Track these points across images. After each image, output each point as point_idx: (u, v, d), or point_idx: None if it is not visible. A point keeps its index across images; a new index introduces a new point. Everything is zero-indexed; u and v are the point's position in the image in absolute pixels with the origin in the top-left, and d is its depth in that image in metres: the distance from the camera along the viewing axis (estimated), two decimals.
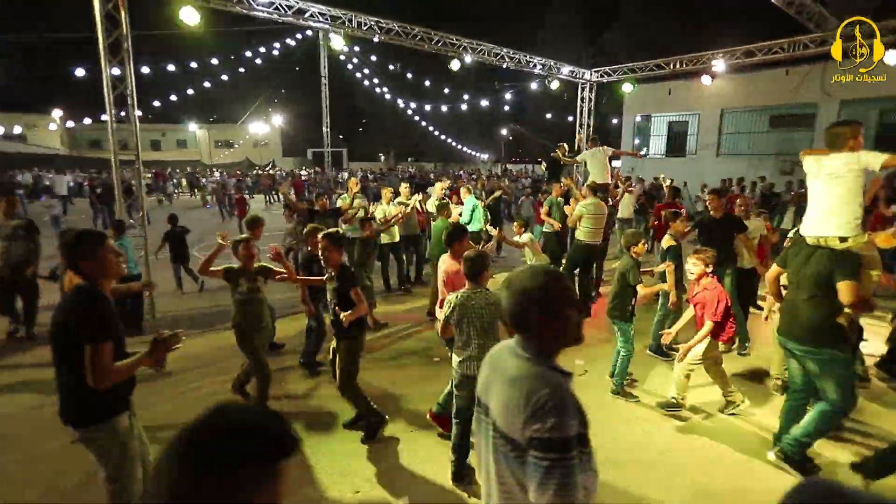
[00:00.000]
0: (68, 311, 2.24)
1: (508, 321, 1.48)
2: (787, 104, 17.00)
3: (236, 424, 0.85)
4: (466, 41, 10.99)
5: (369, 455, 3.61)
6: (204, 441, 0.82)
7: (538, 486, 1.26)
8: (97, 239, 2.39)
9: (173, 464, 0.80)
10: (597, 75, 14.13)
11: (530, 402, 1.29)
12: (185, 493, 0.78)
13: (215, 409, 0.87)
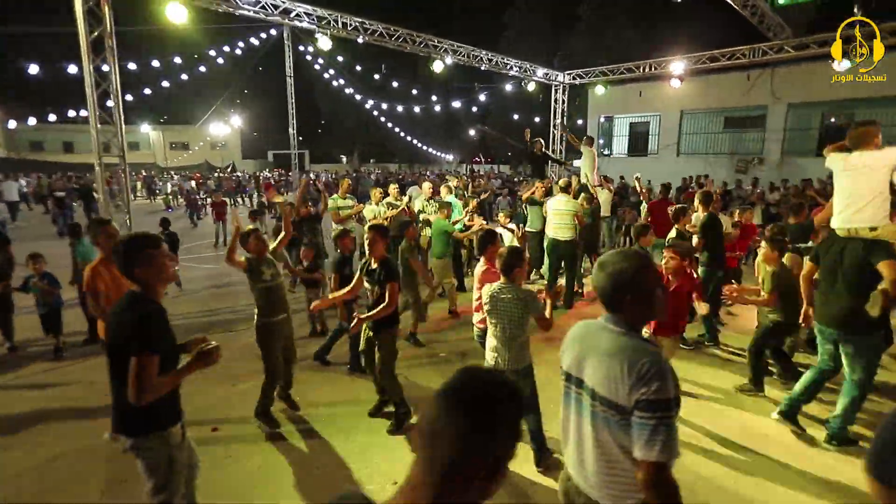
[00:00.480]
0: (120, 322, 2.19)
1: (602, 300, 1.67)
2: (740, 106, 18.10)
3: (505, 387, 0.94)
4: (447, 43, 11.18)
5: (398, 446, 3.71)
6: (487, 402, 0.89)
7: (646, 443, 1.44)
8: (152, 243, 2.32)
9: (454, 423, 0.86)
10: (569, 77, 14.63)
11: (634, 369, 1.48)
12: (465, 449, 0.85)
13: (486, 374, 0.95)
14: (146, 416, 2.23)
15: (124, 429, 2.25)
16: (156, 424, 2.26)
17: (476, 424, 0.86)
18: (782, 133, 17.12)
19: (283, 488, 3.27)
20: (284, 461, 3.55)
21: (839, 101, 16.29)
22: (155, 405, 2.17)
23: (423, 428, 0.89)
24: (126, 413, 2.22)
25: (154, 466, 2.26)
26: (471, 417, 0.86)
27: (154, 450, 2.25)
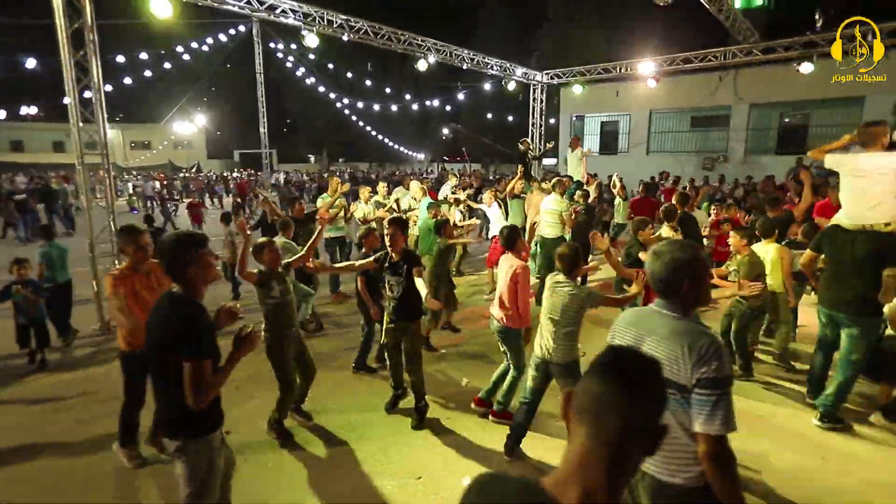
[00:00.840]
0: (166, 325, 2.14)
1: (658, 286, 1.80)
2: (705, 106, 18.86)
3: (652, 360, 1.01)
4: (431, 42, 11.24)
5: (417, 442, 3.77)
6: (645, 373, 0.97)
7: (707, 417, 1.57)
8: (200, 242, 2.26)
9: (621, 395, 0.92)
10: (547, 77, 14.92)
11: (694, 350, 1.61)
12: (633, 417, 0.91)
13: (633, 350, 1.05)
14: (195, 419, 2.19)
15: (172, 431, 2.22)
16: (202, 427, 2.24)
17: (640, 394, 0.93)
18: (745, 132, 17.96)
19: (303, 488, 3.26)
20: (302, 463, 3.54)
21: (796, 102, 17.27)
22: (206, 409, 2.15)
23: (586, 404, 0.94)
24: (175, 415, 2.20)
25: (195, 471, 2.22)
26: (635, 388, 0.93)
27: (198, 454, 2.23)
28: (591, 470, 0.88)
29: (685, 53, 12.13)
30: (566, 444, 0.95)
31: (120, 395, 3.47)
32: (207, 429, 2.25)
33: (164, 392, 2.21)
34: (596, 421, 0.91)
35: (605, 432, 0.90)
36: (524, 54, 29.51)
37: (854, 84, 14.89)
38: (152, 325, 2.21)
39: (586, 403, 0.94)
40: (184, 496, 2.25)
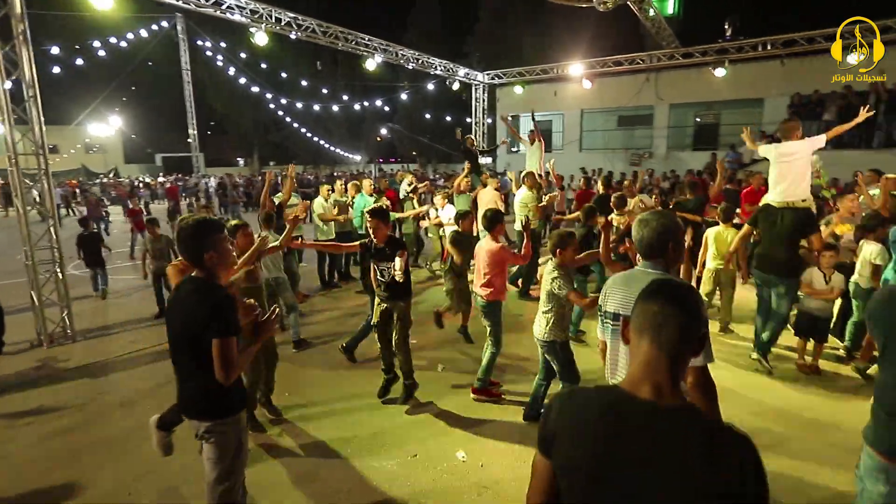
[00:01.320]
0: (192, 310, 2.19)
1: (646, 249, 2.09)
2: (630, 106, 20.31)
3: (690, 286, 1.34)
4: (377, 42, 11.32)
5: (410, 426, 3.96)
6: (690, 296, 1.19)
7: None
8: (219, 227, 2.33)
9: (674, 313, 1.13)
10: (488, 77, 15.45)
11: None
12: (684, 330, 1.13)
13: (673, 281, 1.35)
14: (224, 400, 2.28)
15: (201, 413, 2.28)
16: (231, 408, 2.32)
17: (687, 309, 1.16)
18: (666, 130, 19.56)
19: (307, 476, 3.35)
20: (302, 451, 3.65)
21: (708, 103, 19.09)
22: (230, 389, 2.24)
23: (646, 323, 1.16)
24: (203, 397, 2.27)
25: (225, 451, 2.30)
26: (684, 307, 1.16)
27: (227, 434, 2.30)
28: (656, 371, 1.14)
29: (616, 56, 13.08)
30: (630, 359, 1.21)
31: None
32: (235, 409, 2.33)
33: (193, 375, 2.25)
34: (656, 334, 1.14)
35: (665, 341, 1.13)
36: (456, 56, 30.20)
37: (754, 87, 16.86)
38: (176, 312, 2.26)
39: (646, 322, 1.16)
40: (212, 477, 2.30)
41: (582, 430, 1.15)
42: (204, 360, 2.16)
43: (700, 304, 1.21)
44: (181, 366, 2.30)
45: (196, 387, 2.27)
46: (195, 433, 2.32)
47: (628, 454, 1.08)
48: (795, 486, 3.13)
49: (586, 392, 1.25)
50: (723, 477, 1.01)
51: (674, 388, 1.14)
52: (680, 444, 1.06)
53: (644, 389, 1.13)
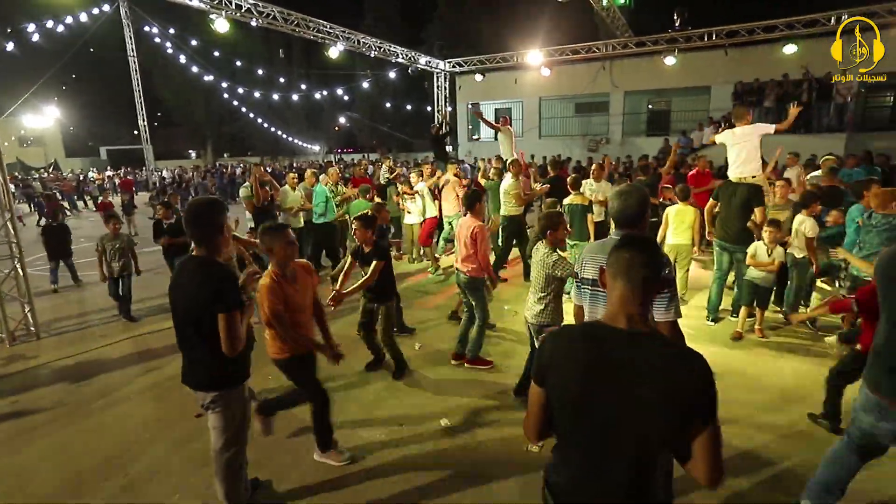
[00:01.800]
0: (202, 287, 2.29)
1: (623, 219, 2.31)
2: (587, 94, 20.92)
3: (649, 238, 1.61)
4: (339, 29, 11.25)
5: (395, 404, 4.13)
6: (651, 245, 1.47)
7: (665, 308, 2.10)
8: (221, 208, 2.44)
9: (642, 258, 1.38)
10: (449, 65, 15.58)
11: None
12: (650, 271, 1.38)
13: (638, 234, 1.61)
14: (229, 372, 2.44)
15: (207, 385, 2.43)
16: (236, 378, 2.49)
17: (652, 255, 1.42)
18: (621, 117, 20.29)
19: (302, 446, 3.48)
20: (295, 426, 3.78)
21: (659, 90, 19.93)
22: (234, 361, 2.40)
23: (620, 268, 1.40)
24: (211, 370, 2.41)
25: (230, 419, 2.47)
26: (649, 254, 1.42)
27: (232, 403, 2.47)
28: (630, 304, 1.40)
29: (573, 45, 13.49)
30: (608, 298, 1.46)
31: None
32: (240, 379, 2.50)
33: (200, 349, 2.37)
34: (628, 276, 1.39)
35: (635, 281, 1.38)
36: (414, 44, 30.08)
37: (702, 76, 17.75)
38: (181, 290, 2.36)
39: (620, 267, 1.41)
40: (219, 445, 2.47)
41: (571, 357, 1.40)
42: (209, 335, 2.29)
43: (660, 252, 1.48)
44: (187, 341, 2.41)
45: (202, 360, 2.40)
46: (201, 404, 2.45)
47: (609, 370, 1.34)
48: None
49: (573, 328, 1.52)
50: (683, 382, 1.29)
51: (643, 317, 1.40)
52: (650, 359, 1.33)
53: (620, 320, 1.40)
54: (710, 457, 1.33)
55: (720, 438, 1.34)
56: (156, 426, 3.84)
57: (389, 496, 2.99)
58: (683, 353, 1.37)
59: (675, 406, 1.28)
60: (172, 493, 3.06)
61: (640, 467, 1.37)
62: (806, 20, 11.48)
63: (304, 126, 40.90)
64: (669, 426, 1.30)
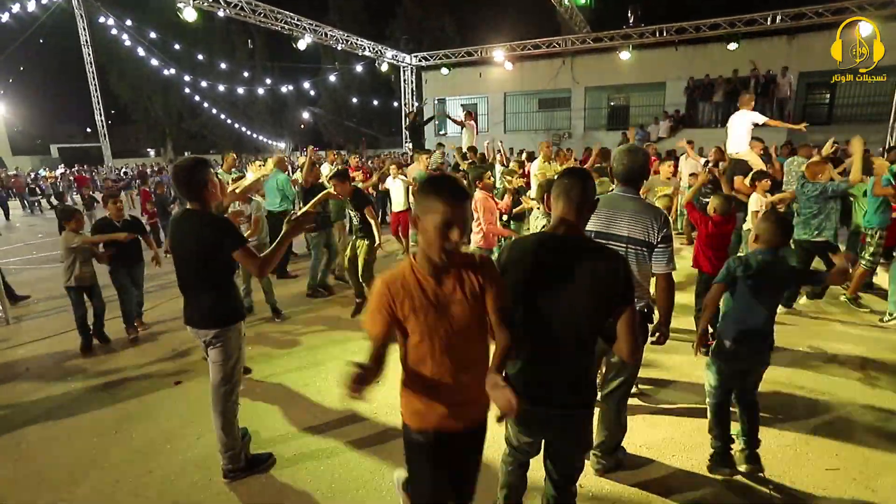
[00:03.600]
0: (207, 233, 2.55)
1: (627, 176, 2.50)
2: (549, 89, 21.55)
3: (583, 169, 2.00)
4: (307, 22, 11.37)
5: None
6: (586, 173, 1.89)
7: (666, 262, 2.42)
8: (207, 164, 2.68)
9: (579, 183, 1.77)
10: (416, 59, 15.84)
11: (658, 219, 2.41)
12: (585, 193, 1.76)
13: (576, 167, 2.00)
14: (231, 309, 2.74)
15: (210, 322, 2.69)
16: (235, 316, 2.76)
17: (587, 184, 1.82)
18: (583, 112, 21.03)
19: (294, 412, 3.86)
20: (269, 388, 4.13)
21: (618, 86, 20.76)
22: (233, 299, 2.74)
23: (562, 190, 1.76)
24: (212, 309, 2.68)
25: (229, 354, 2.73)
26: (585, 180, 1.80)
27: (232, 339, 2.73)
28: (568, 217, 1.77)
29: (534, 40, 14.00)
30: (552, 215, 1.82)
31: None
32: (238, 317, 2.79)
33: (203, 290, 2.66)
34: (568, 197, 1.75)
35: (573, 201, 1.75)
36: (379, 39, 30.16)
37: (656, 72, 18.64)
38: (188, 239, 2.62)
39: (562, 190, 1.77)
40: (217, 379, 2.74)
41: (521, 258, 1.76)
42: (213, 277, 2.62)
43: (592, 181, 1.85)
44: (192, 284, 2.69)
45: (206, 300, 2.68)
46: (203, 341, 2.71)
47: (550, 266, 1.71)
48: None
49: (524, 237, 1.88)
50: (606, 272, 1.66)
51: (578, 228, 1.78)
52: (581, 256, 1.70)
53: (561, 230, 1.77)
54: (629, 335, 1.70)
55: (636, 320, 1.72)
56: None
57: (368, 436, 3.29)
58: (607, 250, 1.75)
59: (601, 289, 1.66)
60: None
61: (578, 348, 1.73)
62: (745, 19, 12.34)
63: (269, 122, 40.31)
64: (598, 307, 1.67)
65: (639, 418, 3.32)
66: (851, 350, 4.42)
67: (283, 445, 3.20)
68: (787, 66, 15.43)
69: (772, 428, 3.21)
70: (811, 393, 3.72)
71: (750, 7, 12.32)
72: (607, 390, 2.72)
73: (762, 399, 2.93)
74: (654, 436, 3.20)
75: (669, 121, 17.52)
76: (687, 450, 3.05)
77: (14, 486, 2.93)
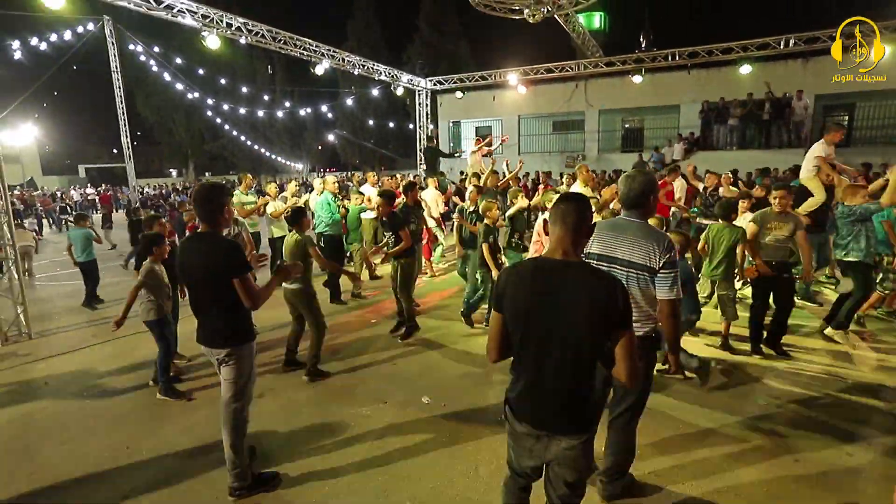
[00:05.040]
0: (217, 257, 2.65)
1: (630, 201, 2.48)
2: (563, 112, 21.73)
3: (581, 194, 2.04)
4: (325, 48, 11.74)
5: (376, 378, 4.59)
6: (582, 198, 1.90)
7: (669, 288, 2.36)
8: (227, 191, 2.86)
9: (573, 207, 1.81)
10: (431, 83, 16.17)
11: (662, 244, 2.36)
12: (579, 217, 1.79)
13: (571, 192, 2.04)
14: (243, 330, 2.81)
15: (223, 341, 2.76)
16: (247, 336, 2.85)
17: (583, 208, 1.86)
18: (597, 134, 21.12)
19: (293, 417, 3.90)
20: (278, 404, 4.18)
21: (632, 109, 20.85)
22: (246, 321, 2.81)
23: (557, 216, 1.80)
24: (225, 327, 2.76)
25: (241, 372, 2.81)
26: (579, 204, 1.84)
27: (245, 358, 2.82)
28: (564, 242, 1.80)
29: (547, 64, 14.21)
30: (549, 239, 1.86)
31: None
32: (249, 338, 2.86)
33: (215, 310, 2.73)
34: (563, 222, 1.79)
35: (569, 225, 1.78)
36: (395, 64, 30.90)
37: (670, 95, 18.70)
38: (197, 261, 2.70)
39: (557, 216, 1.81)
40: (228, 396, 2.81)
41: (519, 283, 1.79)
42: (224, 298, 2.67)
43: (589, 206, 1.88)
44: (204, 305, 2.77)
45: (218, 320, 2.75)
46: (216, 360, 2.78)
47: (548, 290, 1.74)
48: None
49: (522, 262, 1.92)
50: (604, 296, 1.68)
51: (575, 252, 1.81)
52: (578, 280, 1.73)
53: (557, 253, 1.80)
54: (627, 359, 1.71)
55: (634, 345, 1.72)
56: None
57: (374, 457, 3.29)
58: (604, 275, 1.77)
59: (598, 314, 1.67)
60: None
61: (576, 373, 1.75)
62: (758, 43, 12.36)
63: (288, 144, 41.25)
64: (595, 331, 1.69)
65: (649, 445, 3.27)
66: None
67: (290, 465, 3.22)
68: (801, 90, 15.36)
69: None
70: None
71: (763, 30, 12.37)
72: (614, 415, 2.70)
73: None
74: (664, 463, 3.14)
75: (684, 143, 17.48)
76: (697, 477, 2.99)
77: (28, 498, 3.01)
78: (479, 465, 3.15)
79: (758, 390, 4.10)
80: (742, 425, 3.54)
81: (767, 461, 3.13)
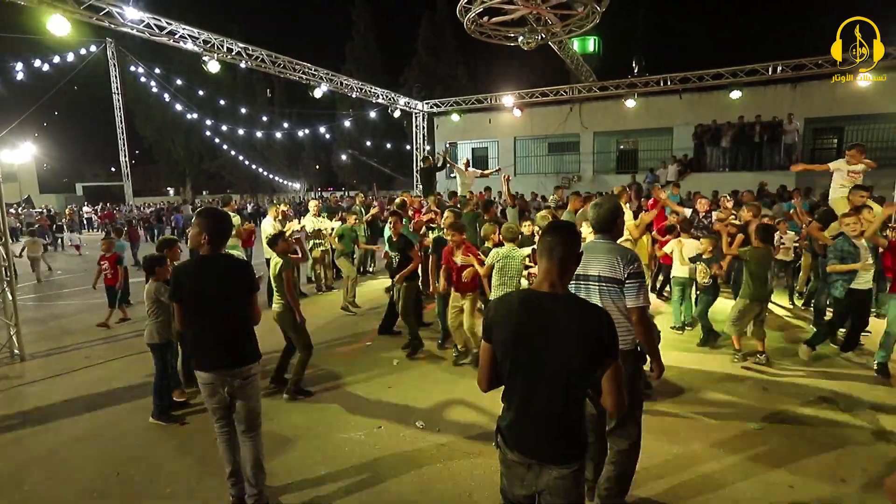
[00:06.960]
0: (235, 276, 2.80)
1: (600, 225, 2.75)
2: (558, 134, 22.02)
3: (570, 224, 2.11)
4: (323, 71, 11.96)
5: (374, 403, 4.64)
6: (571, 230, 1.96)
7: (635, 297, 2.59)
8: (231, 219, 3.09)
9: (562, 240, 1.84)
10: (427, 106, 16.42)
11: (624, 258, 2.62)
12: (568, 250, 1.83)
13: (561, 222, 2.11)
14: (256, 346, 2.91)
15: (245, 359, 2.81)
16: (259, 354, 2.93)
17: (570, 240, 1.90)
18: (592, 156, 21.39)
19: (294, 447, 3.89)
20: (272, 429, 4.16)
21: (626, 131, 21.18)
22: (255, 338, 2.91)
23: (546, 247, 1.82)
24: (250, 344, 2.87)
25: (257, 389, 2.92)
26: (568, 236, 1.87)
27: (258, 374, 2.94)
28: (552, 274, 1.84)
29: (542, 88, 14.49)
30: (538, 270, 1.90)
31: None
32: (259, 354, 2.95)
33: (240, 328, 2.81)
34: (552, 254, 1.82)
35: (557, 257, 1.81)
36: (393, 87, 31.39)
37: (663, 118, 19.04)
38: (217, 281, 2.75)
39: (545, 248, 1.84)
40: (253, 415, 2.88)
41: (507, 315, 1.83)
42: (248, 315, 2.83)
43: (577, 236, 1.93)
44: (225, 326, 2.77)
45: (239, 339, 2.81)
46: (237, 382, 2.78)
47: (536, 322, 1.77)
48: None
49: (510, 294, 1.95)
50: (591, 327, 1.71)
51: (563, 284, 1.85)
52: (565, 312, 1.76)
53: (545, 286, 1.84)
54: (614, 389, 1.74)
55: (621, 375, 1.76)
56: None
57: (365, 482, 3.27)
58: (591, 307, 1.81)
59: (586, 345, 1.71)
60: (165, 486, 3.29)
61: (565, 402, 1.77)
62: (747, 69, 12.66)
63: (285, 164, 41.55)
64: (583, 362, 1.72)
65: (651, 469, 3.26)
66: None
67: (288, 495, 3.20)
68: (791, 113, 15.68)
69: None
70: None
71: (752, 57, 12.69)
72: (609, 427, 2.77)
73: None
74: (661, 486, 3.14)
75: (678, 165, 17.73)
76: (701, 493, 2.99)
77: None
78: (473, 491, 3.13)
79: (754, 411, 4.11)
80: (736, 445, 3.55)
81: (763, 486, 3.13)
